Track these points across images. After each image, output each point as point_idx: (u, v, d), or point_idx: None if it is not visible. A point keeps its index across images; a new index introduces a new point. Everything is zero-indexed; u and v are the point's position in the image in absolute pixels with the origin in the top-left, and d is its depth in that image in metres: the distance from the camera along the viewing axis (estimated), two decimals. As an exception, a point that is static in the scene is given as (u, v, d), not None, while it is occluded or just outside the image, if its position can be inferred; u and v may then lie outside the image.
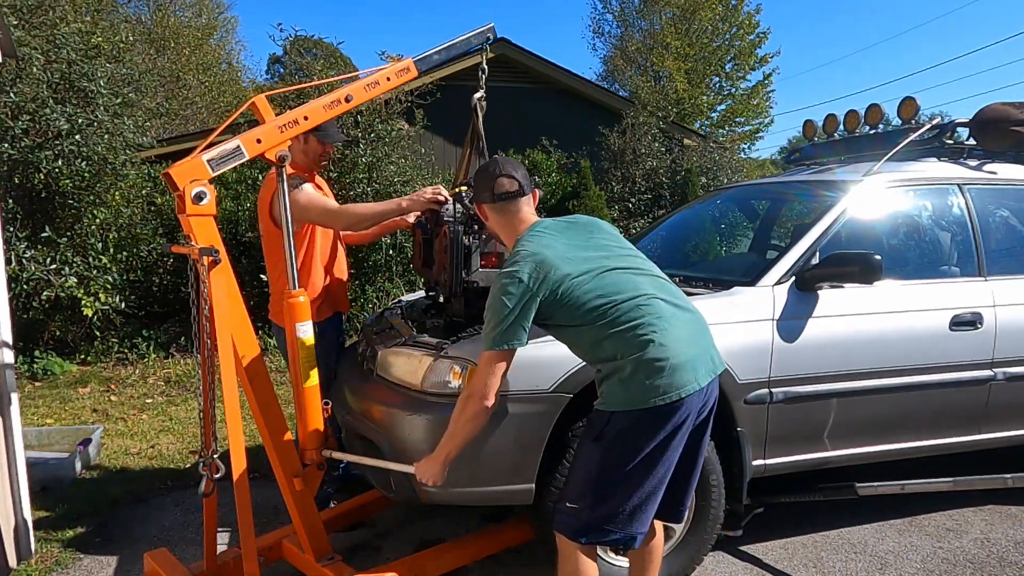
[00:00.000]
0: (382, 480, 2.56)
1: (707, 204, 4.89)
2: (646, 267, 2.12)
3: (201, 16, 21.13)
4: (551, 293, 1.96)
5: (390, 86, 2.75)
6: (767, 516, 3.05)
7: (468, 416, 2.04)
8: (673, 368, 1.91)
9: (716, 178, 10.45)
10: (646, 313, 1.95)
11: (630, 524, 1.98)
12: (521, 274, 1.96)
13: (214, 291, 2.20)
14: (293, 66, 10.24)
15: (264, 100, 2.46)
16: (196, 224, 2.19)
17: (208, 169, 2.22)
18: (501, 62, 10.71)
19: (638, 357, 1.92)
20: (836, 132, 4.04)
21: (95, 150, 6.08)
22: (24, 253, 5.84)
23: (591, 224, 2.22)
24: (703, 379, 1.96)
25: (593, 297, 1.96)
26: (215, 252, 2.18)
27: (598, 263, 2.02)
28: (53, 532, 3.21)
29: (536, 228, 2.12)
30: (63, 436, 4.18)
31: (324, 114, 2.54)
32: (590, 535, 2.01)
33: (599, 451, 1.98)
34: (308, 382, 2.41)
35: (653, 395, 1.91)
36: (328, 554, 2.53)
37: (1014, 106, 3.57)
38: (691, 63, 21.47)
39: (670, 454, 1.97)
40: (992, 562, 2.93)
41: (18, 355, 5.88)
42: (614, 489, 1.96)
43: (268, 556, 2.71)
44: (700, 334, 2.05)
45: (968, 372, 3.04)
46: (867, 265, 2.69)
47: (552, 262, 1.97)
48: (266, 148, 2.37)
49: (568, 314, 1.99)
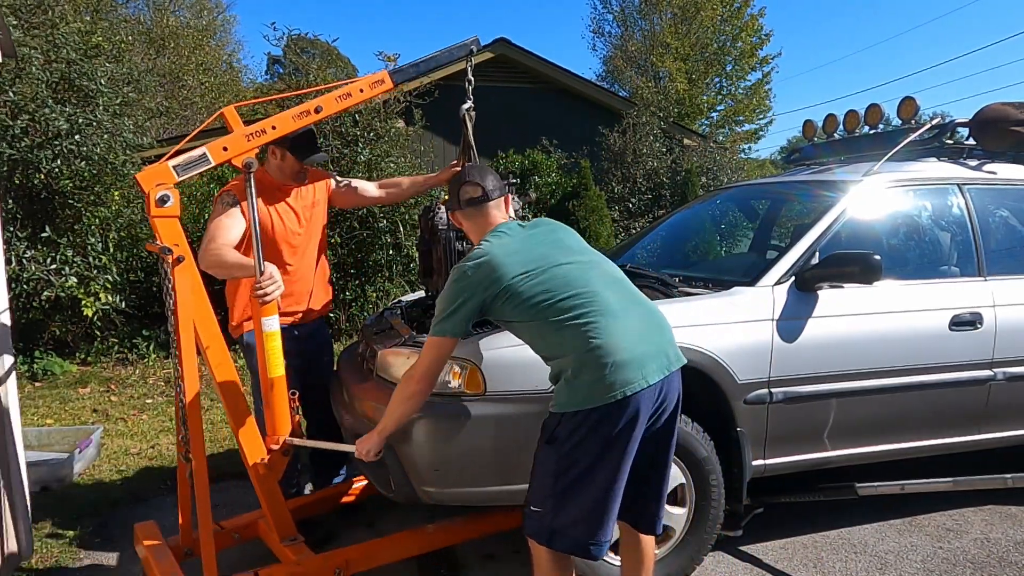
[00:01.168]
0: (382, 480, 2.56)
1: (707, 204, 4.90)
2: (600, 264, 2.12)
3: (201, 16, 21.13)
4: (497, 289, 2.01)
5: (363, 97, 2.79)
6: (767, 516, 3.05)
7: (406, 395, 2.16)
8: (617, 366, 1.88)
9: (716, 178, 10.46)
10: (590, 309, 1.94)
11: (592, 529, 1.95)
12: (468, 270, 2.04)
13: (178, 286, 2.36)
14: (291, 66, 10.25)
15: (233, 111, 2.58)
16: (160, 225, 2.36)
17: (174, 174, 2.38)
18: (501, 62, 10.72)
19: (581, 354, 1.91)
20: (836, 132, 4.04)
21: (94, 150, 6.07)
22: (24, 253, 5.83)
23: (555, 225, 2.26)
24: (652, 377, 1.92)
25: (539, 292, 1.98)
26: (169, 251, 2.33)
27: (550, 260, 2.04)
28: (53, 532, 3.21)
29: (498, 229, 2.19)
30: (63, 436, 4.17)
31: (293, 124, 2.63)
32: (554, 542, 1.99)
33: (553, 454, 1.97)
34: (274, 372, 2.49)
35: (597, 394, 1.89)
36: (292, 535, 2.63)
37: (1014, 106, 3.57)
38: (691, 63, 21.47)
39: (623, 454, 1.92)
40: (992, 562, 2.93)
41: (18, 355, 5.88)
42: (572, 492, 1.94)
43: (243, 533, 2.84)
44: (653, 331, 2.02)
45: (968, 372, 3.04)
46: (867, 265, 2.69)
47: (499, 260, 2.02)
48: (232, 156, 2.49)
49: (516, 310, 2.02)
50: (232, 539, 2.82)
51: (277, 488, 2.60)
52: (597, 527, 1.95)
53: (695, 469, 2.63)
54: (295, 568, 2.48)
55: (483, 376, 2.37)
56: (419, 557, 2.93)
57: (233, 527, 2.85)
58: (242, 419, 2.52)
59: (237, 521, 2.88)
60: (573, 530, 1.96)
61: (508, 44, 10.74)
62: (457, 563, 2.93)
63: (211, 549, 2.37)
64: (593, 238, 8.51)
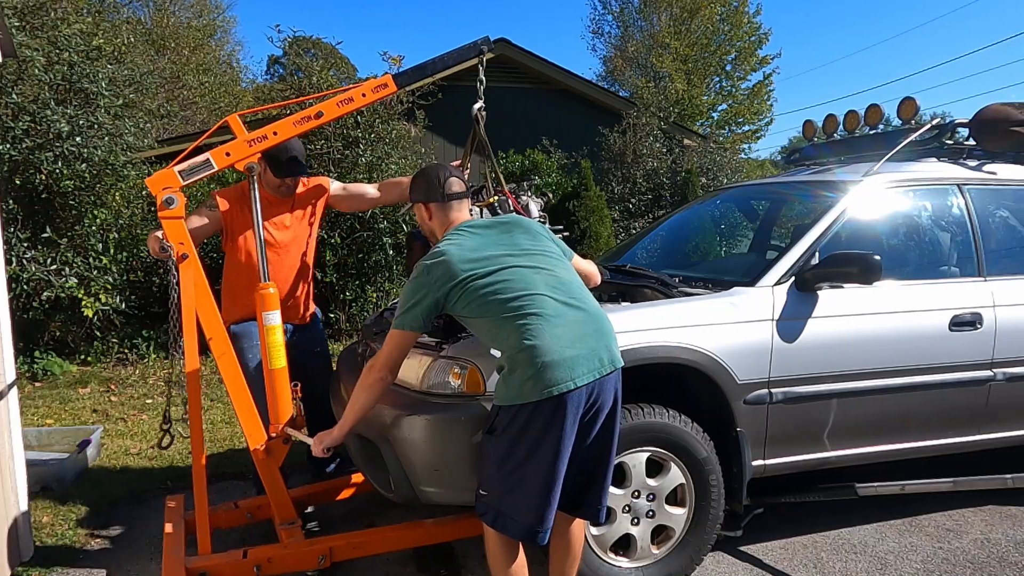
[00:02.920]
0: (381, 480, 2.57)
1: (707, 204, 4.89)
2: (550, 266, 2.17)
3: (201, 17, 21.14)
4: (450, 287, 2.10)
5: (365, 102, 2.87)
6: (767, 516, 3.05)
7: (365, 385, 2.26)
8: (545, 366, 1.97)
9: (716, 178, 10.46)
10: (529, 312, 2.03)
11: (533, 515, 2.04)
12: (427, 268, 2.14)
13: (182, 281, 2.54)
14: (292, 67, 10.25)
15: (237, 119, 2.74)
16: (166, 225, 2.55)
17: (179, 178, 2.56)
18: (501, 62, 10.72)
19: (514, 353, 2.02)
20: (836, 132, 4.04)
21: (95, 152, 6.08)
22: (25, 254, 5.84)
23: (514, 223, 2.30)
24: (582, 379, 2.00)
25: (486, 292, 2.08)
26: (168, 249, 2.54)
27: (500, 261, 2.13)
28: (53, 532, 3.21)
29: (460, 227, 2.27)
30: (63, 436, 4.18)
31: (294, 129, 2.75)
32: (498, 524, 2.09)
33: (490, 444, 2.09)
34: (275, 364, 2.63)
35: (527, 392, 1.99)
36: (291, 519, 2.76)
37: (1014, 106, 3.57)
38: (691, 63, 21.48)
39: (554, 449, 2.01)
40: (992, 562, 2.93)
41: (18, 355, 5.87)
42: (512, 480, 2.05)
43: (256, 514, 3.04)
44: (588, 335, 2.08)
45: (968, 372, 3.04)
46: (867, 265, 2.69)
47: (453, 259, 2.12)
48: (235, 160, 2.66)
49: (469, 307, 2.12)
50: (245, 518, 3.05)
51: (277, 473, 2.71)
52: (538, 514, 2.05)
53: (695, 469, 2.64)
54: (280, 550, 2.61)
55: (482, 376, 2.37)
56: (418, 557, 2.93)
57: (247, 507, 3.06)
58: (245, 406, 2.64)
59: (252, 502, 3.09)
60: (516, 514, 2.06)
61: (508, 44, 10.74)
62: (456, 563, 2.93)
63: (205, 518, 2.60)
64: (593, 238, 8.52)
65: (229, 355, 2.65)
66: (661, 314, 2.66)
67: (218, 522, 2.96)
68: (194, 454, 2.58)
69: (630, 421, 2.52)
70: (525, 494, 2.04)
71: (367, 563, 2.86)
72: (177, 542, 2.68)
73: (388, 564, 2.90)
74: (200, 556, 2.57)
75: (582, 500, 2.21)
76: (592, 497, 2.21)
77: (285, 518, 2.76)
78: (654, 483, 2.62)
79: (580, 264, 2.48)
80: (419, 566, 2.90)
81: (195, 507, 2.60)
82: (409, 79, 2.96)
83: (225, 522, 3.01)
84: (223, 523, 3.00)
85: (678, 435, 2.60)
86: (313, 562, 2.60)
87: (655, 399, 2.63)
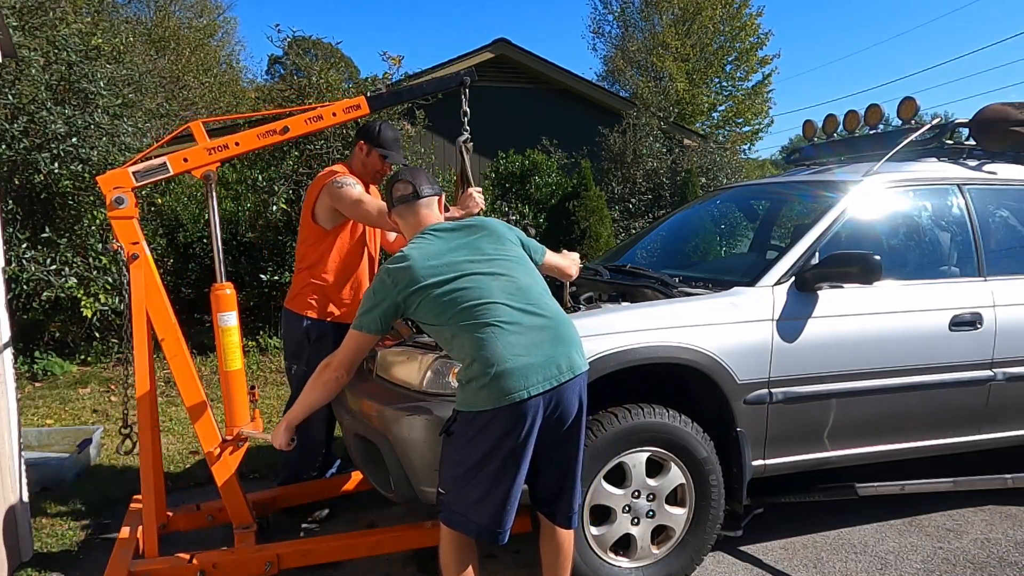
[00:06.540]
0: (381, 480, 2.56)
1: (707, 204, 4.90)
2: (509, 272, 2.14)
3: (201, 17, 21.12)
4: (409, 293, 2.11)
5: (335, 121, 2.91)
6: (767, 516, 3.05)
7: (319, 383, 2.31)
8: (498, 375, 1.96)
9: (716, 178, 10.45)
10: (485, 320, 2.02)
11: (490, 517, 2.05)
12: (387, 273, 2.16)
13: (133, 281, 2.56)
14: (292, 67, 10.23)
15: (199, 125, 2.74)
16: (116, 224, 2.55)
17: (132, 179, 2.56)
18: (501, 62, 10.72)
19: (469, 362, 2.01)
20: (836, 132, 4.04)
21: (92, 153, 6.07)
22: (24, 254, 5.83)
23: (481, 227, 2.28)
24: (537, 387, 1.97)
25: (447, 299, 2.07)
26: (112, 250, 2.56)
27: (460, 267, 2.11)
28: (53, 532, 3.21)
29: (425, 231, 2.26)
30: (63, 436, 4.18)
31: (257, 142, 2.77)
32: (455, 523, 2.09)
33: (449, 446, 2.08)
34: (231, 366, 2.64)
35: (481, 400, 1.98)
36: (246, 523, 2.76)
37: (1014, 106, 3.57)
38: (691, 64, 21.46)
39: (510, 456, 2.00)
40: (992, 562, 2.93)
41: (18, 355, 5.87)
42: (468, 483, 2.05)
43: (217, 516, 3.01)
44: (546, 341, 2.04)
45: (968, 372, 3.04)
46: (867, 265, 2.69)
47: (416, 265, 2.12)
48: (192, 167, 2.66)
49: (428, 314, 2.12)
50: (206, 520, 3.03)
51: (233, 477, 2.71)
52: (495, 517, 2.05)
53: (695, 469, 2.64)
54: (227, 556, 2.60)
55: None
56: (418, 557, 2.93)
57: (208, 510, 3.05)
58: (197, 408, 2.64)
59: (214, 504, 3.05)
60: (473, 515, 2.06)
61: (508, 44, 10.74)
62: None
63: (152, 521, 2.60)
64: (593, 238, 8.50)
65: (182, 356, 2.63)
66: (661, 314, 2.66)
67: (178, 524, 2.96)
68: (142, 457, 2.59)
69: (630, 421, 2.52)
70: (479, 497, 2.04)
71: (367, 563, 2.86)
72: (129, 545, 2.65)
73: (388, 564, 2.90)
74: (146, 559, 2.56)
75: (556, 508, 2.21)
76: (563, 505, 2.20)
77: (240, 522, 2.73)
78: (654, 483, 2.62)
79: (552, 260, 2.48)
80: (419, 566, 2.90)
81: (143, 510, 2.58)
82: (383, 103, 2.99)
83: (185, 524, 3.00)
84: (183, 525, 2.99)
85: (678, 435, 2.60)
86: (260, 568, 2.55)
87: (655, 399, 2.63)
